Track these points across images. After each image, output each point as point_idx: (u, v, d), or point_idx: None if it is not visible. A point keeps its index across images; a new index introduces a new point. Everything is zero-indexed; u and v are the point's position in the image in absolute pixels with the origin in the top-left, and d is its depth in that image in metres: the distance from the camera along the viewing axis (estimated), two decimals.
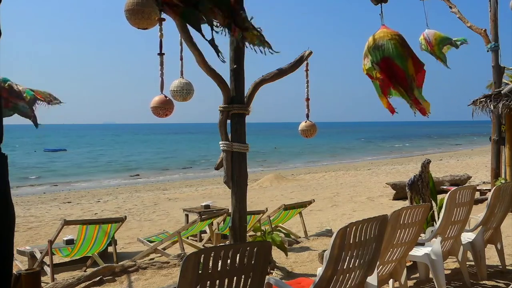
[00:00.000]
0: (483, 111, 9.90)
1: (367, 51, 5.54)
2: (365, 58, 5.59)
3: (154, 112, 4.49)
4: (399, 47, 5.42)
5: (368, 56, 5.52)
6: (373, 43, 5.49)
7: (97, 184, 27.03)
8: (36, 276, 2.19)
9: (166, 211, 14.01)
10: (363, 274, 3.44)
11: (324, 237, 8.11)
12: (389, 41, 5.40)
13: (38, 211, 14.98)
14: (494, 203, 5.22)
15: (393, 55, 5.38)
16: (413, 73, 5.44)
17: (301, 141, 48.25)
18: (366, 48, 5.57)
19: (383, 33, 5.50)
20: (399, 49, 5.41)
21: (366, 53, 5.57)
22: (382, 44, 5.42)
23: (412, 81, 5.43)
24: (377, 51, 5.42)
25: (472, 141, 63.48)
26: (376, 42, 5.46)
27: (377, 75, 5.50)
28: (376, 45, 5.43)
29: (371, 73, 5.54)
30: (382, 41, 5.44)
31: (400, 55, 5.39)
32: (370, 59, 5.48)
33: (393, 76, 5.44)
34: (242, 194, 4.42)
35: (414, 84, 5.44)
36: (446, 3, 11.40)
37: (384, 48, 5.39)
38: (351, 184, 18.66)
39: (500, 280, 5.12)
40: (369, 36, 5.63)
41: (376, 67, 5.43)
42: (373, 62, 5.44)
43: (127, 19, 3.99)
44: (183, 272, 2.43)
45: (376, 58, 5.43)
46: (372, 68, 5.48)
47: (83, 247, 6.68)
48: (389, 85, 5.52)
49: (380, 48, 5.41)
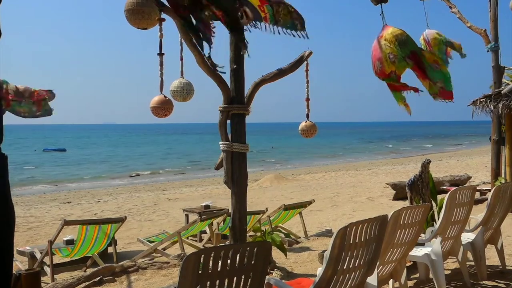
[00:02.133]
0: (483, 111, 9.90)
1: (392, 50, 5.49)
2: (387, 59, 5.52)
3: (153, 112, 4.49)
4: (414, 42, 5.59)
5: (395, 54, 5.48)
6: (394, 40, 5.48)
7: (97, 184, 27.02)
8: (36, 276, 2.19)
9: (166, 211, 14.01)
10: (363, 274, 3.44)
11: (324, 237, 8.11)
12: (408, 36, 5.51)
13: (38, 211, 14.98)
14: (494, 203, 5.22)
15: (416, 48, 5.56)
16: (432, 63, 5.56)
17: (301, 141, 48.27)
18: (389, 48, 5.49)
19: (396, 31, 5.55)
20: (415, 43, 5.61)
21: (389, 52, 5.50)
22: (405, 39, 5.49)
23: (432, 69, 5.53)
24: (404, 47, 5.46)
25: (472, 141, 63.49)
26: (398, 38, 5.48)
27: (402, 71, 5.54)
28: (401, 41, 5.47)
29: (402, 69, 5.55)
30: (403, 36, 5.50)
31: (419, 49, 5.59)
32: (398, 56, 5.46)
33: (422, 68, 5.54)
34: (242, 194, 4.42)
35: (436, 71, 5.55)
36: (446, 3, 11.39)
37: (409, 42, 5.49)
38: (351, 184, 18.67)
39: (500, 280, 5.12)
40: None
41: (409, 62, 5.47)
42: (405, 57, 5.45)
43: (127, 19, 3.99)
44: (183, 272, 2.43)
45: (406, 52, 5.46)
46: (405, 64, 5.49)
47: (83, 247, 6.68)
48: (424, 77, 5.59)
49: (406, 43, 5.47)
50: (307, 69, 5.66)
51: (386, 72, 5.58)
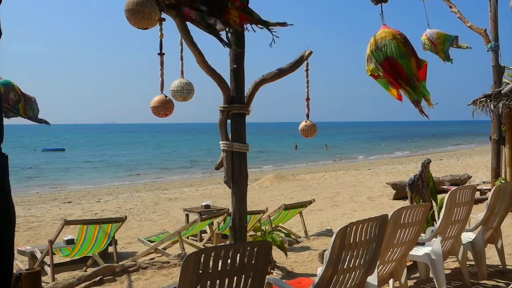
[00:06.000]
0: (483, 110, 9.90)
1: (370, 53, 5.50)
2: (368, 60, 5.54)
3: (154, 112, 4.50)
4: (401, 46, 5.36)
5: (372, 57, 5.47)
6: (375, 44, 5.45)
7: (97, 184, 27.03)
8: (36, 276, 2.19)
9: (167, 211, 14.01)
10: (364, 274, 3.44)
11: (324, 237, 8.11)
12: (391, 41, 5.35)
13: (38, 211, 14.99)
14: (494, 202, 5.22)
15: (396, 55, 5.33)
16: (416, 73, 5.40)
17: (304, 141, 48.24)
18: (369, 49, 5.52)
19: (385, 33, 5.45)
20: (402, 48, 5.36)
21: (369, 55, 5.52)
22: (384, 44, 5.36)
23: (415, 80, 5.40)
24: (380, 52, 5.37)
25: (472, 141, 63.47)
26: (378, 43, 5.42)
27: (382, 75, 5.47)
28: (378, 46, 5.39)
29: (376, 73, 5.50)
30: (384, 41, 5.38)
31: (403, 55, 5.33)
32: (373, 60, 5.44)
33: (398, 76, 5.39)
34: (242, 194, 4.42)
35: (417, 83, 5.41)
36: (446, 3, 11.39)
37: (386, 48, 5.34)
38: (351, 184, 18.67)
39: (500, 279, 5.12)
40: (370, 36, 5.61)
41: (380, 68, 5.39)
42: (376, 63, 5.40)
43: (127, 19, 3.99)
44: (183, 272, 2.43)
45: (379, 58, 5.37)
46: (376, 69, 5.44)
47: (84, 247, 6.68)
48: (395, 85, 5.48)
49: (382, 49, 5.36)
50: (307, 69, 5.66)
51: (367, 73, 5.59)
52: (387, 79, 5.44)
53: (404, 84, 5.39)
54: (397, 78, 5.38)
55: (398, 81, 5.39)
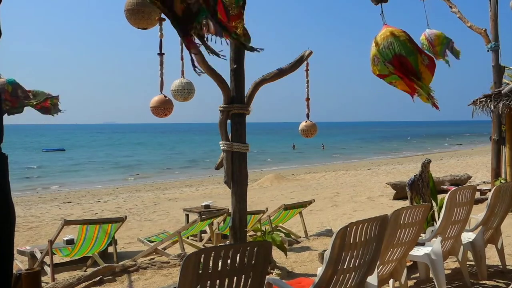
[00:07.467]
0: (483, 111, 9.90)
1: (376, 53, 5.47)
2: (374, 60, 5.52)
3: (153, 112, 4.50)
4: (407, 43, 5.40)
5: (378, 57, 5.46)
6: (380, 43, 5.44)
7: (97, 184, 27.03)
8: (36, 276, 2.19)
9: (166, 211, 14.01)
10: (363, 274, 3.44)
11: (324, 237, 8.11)
12: (397, 38, 5.38)
13: (38, 211, 14.99)
14: (494, 203, 5.21)
15: (405, 52, 5.35)
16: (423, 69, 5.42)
17: (301, 141, 48.27)
18: (374, 50, 5.49)
19: (388, 32, 5.46)
20: (408, 45, 5.40)
21: (375, 55, 5.50)
22: (391, 42, 5.38)
23: (421, 76, 5.42)
24: (388, 50, 5.37)
25: (472, 141, 63.46)
26: (384, 41, 5.41)
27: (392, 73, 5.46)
28: (385, 44, 5.39)
29: (385, 72, 5.48)
30: (390, 39, 5.39)
31: (410, 51, 5.37)
32: (381, 59, 5.43)
33: (408, 72, 5.41)
34: (242, 194, 4.42)
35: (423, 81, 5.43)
36: (446, 3, 11.39)
37: (394, 46, 5.35)
38: (351, 184, 18.66)
39: (501, 280, 5.12)
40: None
41: (389, 66, 5.38)
42: (385, 61, 5.39)
43: (127, 19, 3.99)
44: (183, 272, 2.43)
45: (387, 57, 5.37)
46: (385, 68, 5.42)
47: (84, 247, 6.68)
48: (407, 81, 5.49)
49: (390, 47, 5.37)
50: (307, 69, 5.66)
51: (374, 73, 5.58)
52: (399, 76, 5.45)
53: (415, 79, 5.40)
54: (408, 74, 5.40)
55: (409, 77, 5.40)
